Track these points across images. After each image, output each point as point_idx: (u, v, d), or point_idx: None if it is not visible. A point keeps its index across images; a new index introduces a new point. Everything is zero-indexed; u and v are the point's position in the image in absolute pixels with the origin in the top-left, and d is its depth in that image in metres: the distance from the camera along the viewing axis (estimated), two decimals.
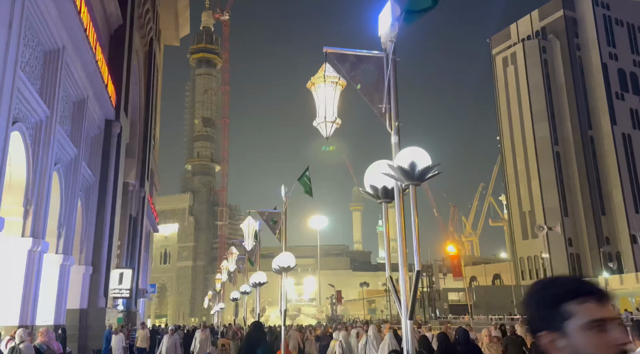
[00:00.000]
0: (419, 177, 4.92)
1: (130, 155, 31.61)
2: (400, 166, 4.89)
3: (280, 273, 11.56)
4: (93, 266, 21.61)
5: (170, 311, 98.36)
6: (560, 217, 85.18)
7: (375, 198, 5.69)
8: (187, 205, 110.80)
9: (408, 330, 4.98)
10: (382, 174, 5.30)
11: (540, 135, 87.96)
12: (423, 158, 4.92)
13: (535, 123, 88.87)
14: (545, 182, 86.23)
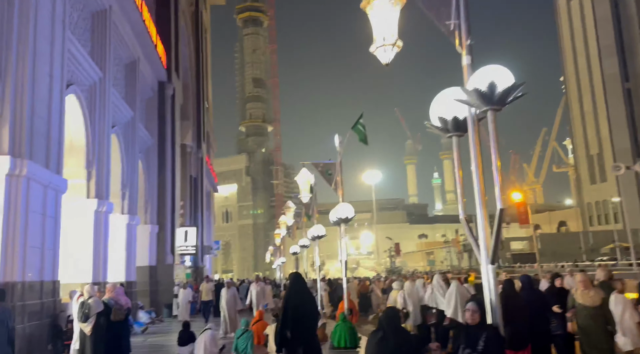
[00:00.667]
0: (500, 99, 4.24)
1: (185, 117, 32.05)
2: (477, 88, 4.25)
3: (338, 225, 11.30)
4: (158, 225, 22.32)
5: (236, 266, 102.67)
6: (631, 159, 80.00)
7: (443, 132, 5.07)
8: (244, 166, 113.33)
9: (490, 276, 4.48)
10: (454, 102, 4.68)
11: (609, 72, 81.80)
12: (504, 77, 4.24)
13: (603, 60, 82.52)
14: (614, 122, 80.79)
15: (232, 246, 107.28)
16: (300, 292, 5.92)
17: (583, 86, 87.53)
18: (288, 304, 5.72)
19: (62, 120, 12.08)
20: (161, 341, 12.79)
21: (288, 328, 5.52)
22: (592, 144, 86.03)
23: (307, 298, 5.99)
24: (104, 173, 15.16)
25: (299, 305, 5.69)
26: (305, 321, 5.64)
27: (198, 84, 37.11)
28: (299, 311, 5.62)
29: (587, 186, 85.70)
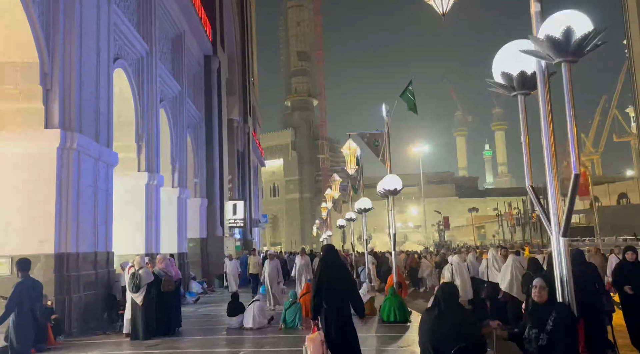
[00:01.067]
0: (577, 48, 3.67)
1: (231, 92, 32.13)
2: (550, 36, 3.71)
3: (385, 197, 10.92)
4: (208, 199, 22.65)
5: (284, 239, 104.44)
6: None
7: (508, 90, 4.52)
8: (290, 141, 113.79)
9: (562, 250, 4.02)
10: (520, 56, 4.14)
11: None
12: (581, 22, 3.67)
13: None
14: None
15: (279, 220, 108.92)
16: (333, 262, 5.95)
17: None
18: (321, 274, 5.79)
19: (111, 93, 12.20)
20: (212, 311, 13.01)
21: (323, 297, 5.63)
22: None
23: (340, 267, 6.04)
24: (153, 147, 15.34)
25: (331, 275, 5.75)
26: (338, 290, 5.70)
27: (243, 58, 37.05)
28: (331, 280, 5.69)
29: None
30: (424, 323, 3.99)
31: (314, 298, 5.73)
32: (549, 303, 3.80)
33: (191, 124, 21.76)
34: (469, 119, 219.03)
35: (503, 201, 72.36)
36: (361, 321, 7.43)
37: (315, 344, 5.52)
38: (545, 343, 3.64)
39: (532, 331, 3.75)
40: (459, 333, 3.77)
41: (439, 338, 3.78)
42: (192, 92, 22.55)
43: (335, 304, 5.61)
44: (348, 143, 12.32)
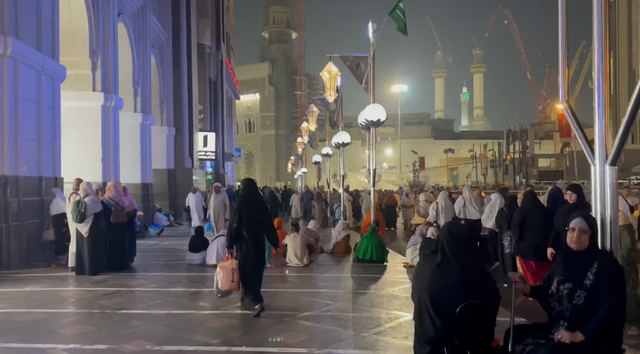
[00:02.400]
0: None
1: (203, 14, 29.74)
2: None
3: (367, 129, 9.92)
4: (175, 128, 21.24)
5: (258, 176, 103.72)
6: None
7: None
8: (267, 75, 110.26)
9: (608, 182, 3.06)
10: None
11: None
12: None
13: None
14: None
15: (254, 156, 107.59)
16: (251, 194, 6.08)
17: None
18: (242, 205, 5.87)
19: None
20: (175, 245, 12.11)
21: (243, 226, 5.74)
22: (635, 58, 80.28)
23: (259, 200, 6.22)
24: (110, 64, 13.76)
25: (252, 205, 5.88)
26: (256, 221, 5.85)
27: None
28: (251, 211, 5.83)
29: (625, 102, 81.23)
30: (422, 272, 3.07)
31: (233, 227, 5.79)
32: (590, 251, 2.90)
33: (156, 44, 19.89)
34: (449, 60, 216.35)
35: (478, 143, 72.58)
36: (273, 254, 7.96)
37: (227, 271, 5.58)
38: (583, 301, 2.77)
39: (564, 285, 2.87)
40: (468, 286, 2.86)
41: (440, 291, 2.88)
42: (158, 8, 20.46)
43: (253, 234, 5.75)
44: (328, 66, 10.95)
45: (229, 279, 5.54)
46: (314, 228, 10.19)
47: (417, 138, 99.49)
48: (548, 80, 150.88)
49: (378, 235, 9.16)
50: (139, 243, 9.95)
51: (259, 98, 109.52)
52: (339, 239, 10.03)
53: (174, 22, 21.57)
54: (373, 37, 9.90)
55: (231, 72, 40.39)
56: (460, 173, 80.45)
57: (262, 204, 6.22)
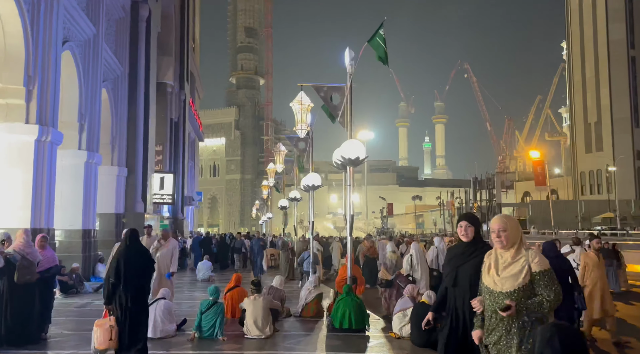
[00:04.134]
0: None
1: (166, 52, 28.58)
2: None
3: (344, 169, 8.59)
4: (128, 168, 19.37)
5: (222, 221, 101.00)
6: (630, 128, 78.40)
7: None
8: (233, 119, 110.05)
9: None
10: None
11: (615, 38, 78.69)
12: None
13: (610, 24, 79.19)
14: (616, 90, 78.51)
15: (218, 201, 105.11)
16: (132, 245, 5.76)
17: (587, 51, 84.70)
18: (120, 256, 5.58)
19: None
20: None
21: (121, 280, 5.44)
22: (590, 112, 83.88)
23: (140, 251, 5.88)
24: (49, 94, 12.08)
25: (131, 257, 5.59)
26: (137, 274, 5.59)
27: (182, 19, 33.33)
28: (131, 262, 5.54)
29: (582, 154, 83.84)
30: None
31: (110, 281, 5.46)
32: None
33: (110, 78, 18.32)
34: (411, 111, 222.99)
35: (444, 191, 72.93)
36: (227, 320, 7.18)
37: (104, 329, 5.25)
38: None
39: None
40: None
41: None
42: (114, 40, 19.06)
43: (133, 288, 5.47)
44: (299, 97, 9.52)
45: (106, 337, 5.21)
46: (279, 286, 8.42)
47: (383, 185, 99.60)
48: (507, 131, 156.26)
49: (356, 295, 7.48)
50: (69, 301, 8.15)
51: (225, 143, 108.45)
52: (309, 299, 8.35)
53: (131, 57, 20.14)
54: (350, 66, 8.68)
55: (195, 113, 38.94)
56: (426, 221, 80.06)
57: (145, 255, 5.86)
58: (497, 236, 2.93)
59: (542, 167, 30.32)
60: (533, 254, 2.90)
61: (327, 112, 9.84)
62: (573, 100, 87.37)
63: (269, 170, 21.11)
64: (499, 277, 2.90)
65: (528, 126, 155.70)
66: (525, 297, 2.82)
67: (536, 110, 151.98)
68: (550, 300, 2.79)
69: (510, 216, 3.09)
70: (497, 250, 3.00)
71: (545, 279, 2.82)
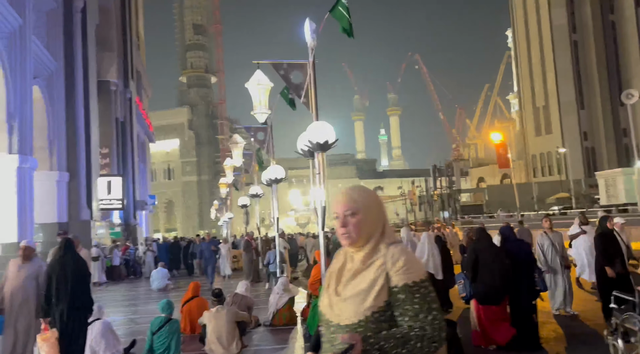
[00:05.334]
0: None
1: (107, 48, 26.73)
2: None
3: (311, 156, 7.68)
4: (69, 173, 17.71)
5: (179, 224, 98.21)
6: (576, 110, 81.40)
7: None
8: (186, 119, 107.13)
9: None
10: None
11: (557, 23, 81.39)
12: None
13: (552, 9, 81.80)
14: (561, 74, 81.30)
15: (175, 204, 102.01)
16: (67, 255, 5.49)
17: (532, 37, 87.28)
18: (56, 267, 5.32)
19: None
20: None
21: (52, 291, 5.23)
22: (538, 96, 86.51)
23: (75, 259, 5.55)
24: None
25: (67, 268, 5.30)
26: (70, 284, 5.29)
27: (123, 13, 31.36)
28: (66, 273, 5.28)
29: (532, 138, 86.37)
30: None
31: (47, 295, 5.30)
32: None
33: (43, 74, 16.61)
34: (366, 104, 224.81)
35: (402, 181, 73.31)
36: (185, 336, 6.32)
37: (50, 343, 5.01)
38: None
39: None
40: None
41: None
42: (45, 33, 17.31)
43: (70, 300, 5.26)
44: (256, 76, 8.36)
45: (55, 351, 4.98)
46: (245, 292, 7.33)
47: (343, 179, 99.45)
48: (459, 120, 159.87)
49: None
50: None
51: (179, 144, 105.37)
52: (280, 305, 7.32)
53: (66, 51, 18.42)
54: (312, 40, 7.67)
55: (143, 112, 36.96)
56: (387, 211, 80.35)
57: (82, 266, 5.53)
58: (342, 225, 1.77)
59: (504, 148, 30.38)
60: (396, 254, 1.70)
61: (286, 98, 8.86)
62: (521, 86, 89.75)
63: (226, 166, 19.88)
64: (337, 297, 1.74)
65: (478, 114, 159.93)
66: (379, 329, 1.64)
67: (485, 98, 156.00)
68: (423, 335, 1.60)
69: (365, 188, 1.89)
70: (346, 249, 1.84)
71: (414, 298, 1.64)
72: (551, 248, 7.54)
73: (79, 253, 5.88)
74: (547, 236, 7.62)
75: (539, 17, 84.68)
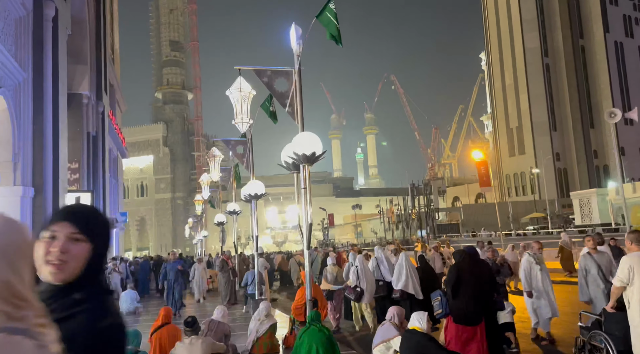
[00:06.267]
0: None
1: (80, 61, 25.95)
2: None
3: (296, 169, 7.19)
4: (35, 188, 16.72)
5: (152, 243, 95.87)
6: (548, 132, 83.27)
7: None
8: (161, 136, 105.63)
9: None
10: None
11: (530, 46, 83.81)
12: None
13: (525, 34, 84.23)
14: (534, 96, 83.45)
15: (147, 222, 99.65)
16: None
17: (505, 60, 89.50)
18: None
19: None
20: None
21: None
22: (512, 117, 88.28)
23: None
24: None
25: None
26: None
27: (98, 26, 30.57)
28: None
29: (506, 158, 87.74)
30: None
31: None
32: None
33: (9, 84, 15.72)
34: (343, 123, 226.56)
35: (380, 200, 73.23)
36: None
37: None
38: None
39: None
40: None
41: None
42: (13, 41, 16.47)
43: None
44: (238, 83, 7.86)
45: None
46: (222, 319, 6.63)
47: (320, 197, 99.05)
48: (434, 140, 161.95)
49: (323, 327, 5.79)
50: None
51: (153, 160, 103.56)
52: (261, 332, 6.66)
53: (35, 61, 17.56)
54: (298, 46, 7.22)
55: (116, 127, 35.93)
56: (364, 230, 80.00)
57: None
58: None
59: (485, 167, 30.43)
60: None
61: (267, 111, 8.39)
62: (495, 107, 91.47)
63: (203, 182, 19.13)
64: None
65: (452, 134, 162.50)
66: None
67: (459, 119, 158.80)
68: None
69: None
70: None
71: None
72: (598, 272, 6.60)
73: None
74: (592, 258, 6.73)
75: (512, 41, 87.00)
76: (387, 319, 5.28)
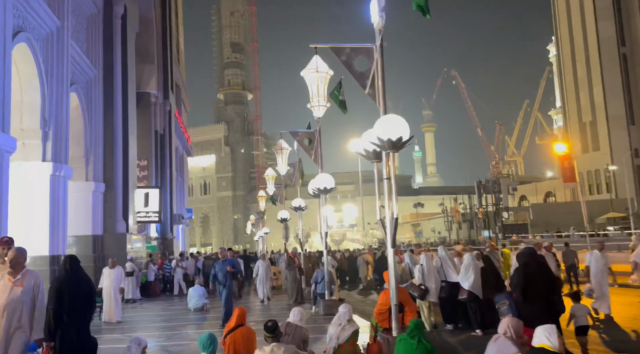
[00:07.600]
0: None
1: (148, 60, 26.43)
2: None
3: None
4: (106, 184, 17.02)
5: (215, 239, 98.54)
6: (626, 126, 77.39)
7: None
8: (222, 136, 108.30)
9: None
10: None
11: (605, 36, 78.19)
12: None
13: (599, 22, 78.71)
14: (609, 88, 77.78)
15: (210, 219, 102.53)
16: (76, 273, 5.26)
17: (577, 51, 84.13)
18: (63, 284, 5.08)
19: None
20: None
21: (65, 312, 4.95)
22: (584, 111, 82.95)
23: (85, 279, 5.40)
24: None
25: (73, 286, 5.10)
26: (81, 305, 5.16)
27: (164, 26, 31.20)
28: (75, 293, 5.07)
29: (579, 155, 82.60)
30: None
31: (51, 312, 4.93)
32: None
33: (81, 81, 16.06)
34: None
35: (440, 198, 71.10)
36: None
37: None
38: None
39: None
40: None
41: None
42: (85, 38, 16.83)
43: (80, 320, 5.09)
44: (314, 62, 7.70)
45: None
46: (299, 322, 6.01)
47: None
48: (498, 136, 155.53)
49: (425, 339, 4.86)
50: None
51: (215, 160, 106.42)
52: (343, 340, 5.94)
53: (106, 58, 17.91)
54: (380, 19, 6.45)
55: (182, 125, 36.65)
56: (424, 229, 77.87)
57: (88, 284, 5.34)
58: None
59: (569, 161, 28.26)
60: None
61: (336, 100, 7.76)
62: (566, 101, 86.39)
63: (268, 176, 18.83)
64: None
65: (517, 130, 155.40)
66: None
67: (525, 115, 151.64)
68: None
69: None
70: None
71: None
72: None
73: (84, 272, 5.57)
74: None
75: (585, 30, 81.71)
76: (500, 333, 4.42)
